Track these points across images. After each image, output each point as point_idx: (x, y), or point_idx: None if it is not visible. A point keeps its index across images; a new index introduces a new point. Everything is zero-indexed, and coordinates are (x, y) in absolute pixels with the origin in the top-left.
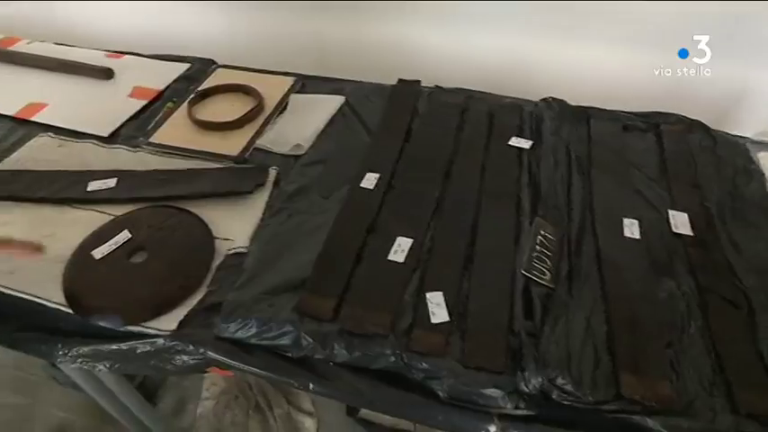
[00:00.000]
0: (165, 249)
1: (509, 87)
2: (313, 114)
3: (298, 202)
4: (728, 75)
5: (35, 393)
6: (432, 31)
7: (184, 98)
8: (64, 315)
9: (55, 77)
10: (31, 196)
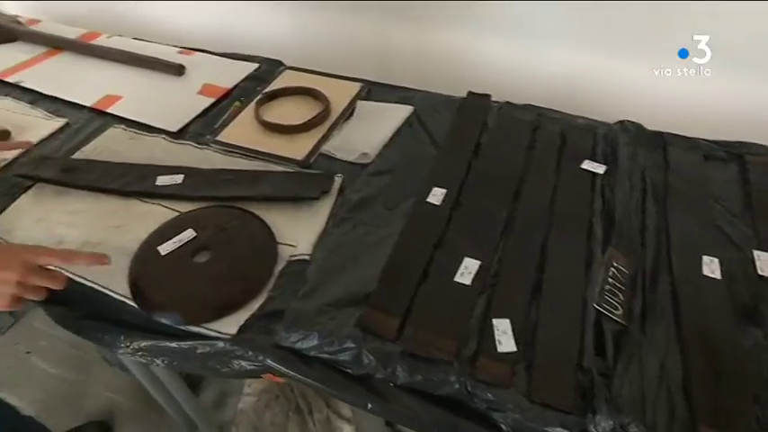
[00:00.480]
0: (228, 250)
1: (581, 107)
2: (380, 123)
3: (362, 213)
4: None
5: (88, 371)
6: (501, 43)
7: (252, 98)
8: (128, 308)
9: (130, 71)
10: (102, 187)
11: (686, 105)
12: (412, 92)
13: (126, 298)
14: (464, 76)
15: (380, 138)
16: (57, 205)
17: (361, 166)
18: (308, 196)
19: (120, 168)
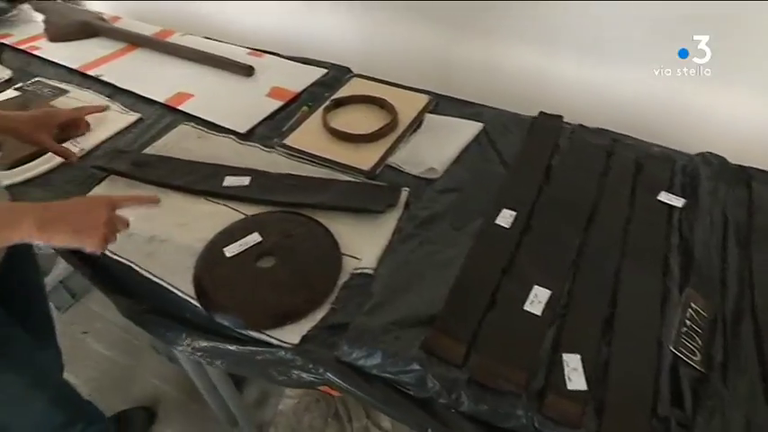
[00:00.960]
0: (292, 258)
1: (657, 134)
2: (449, 138)
3: (429, 230)
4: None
5: (138, 357)
6: (573, 62)
7: (319, 104)
8: (190, 306)
9: (202, 70)
10: (172, 183)
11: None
12: (481, 108)
13: (189, 297)
14: (533, 94)
15: (449, 153)
16: None
17: (428, 182)
18: (375, 209)
19: (189, 166)
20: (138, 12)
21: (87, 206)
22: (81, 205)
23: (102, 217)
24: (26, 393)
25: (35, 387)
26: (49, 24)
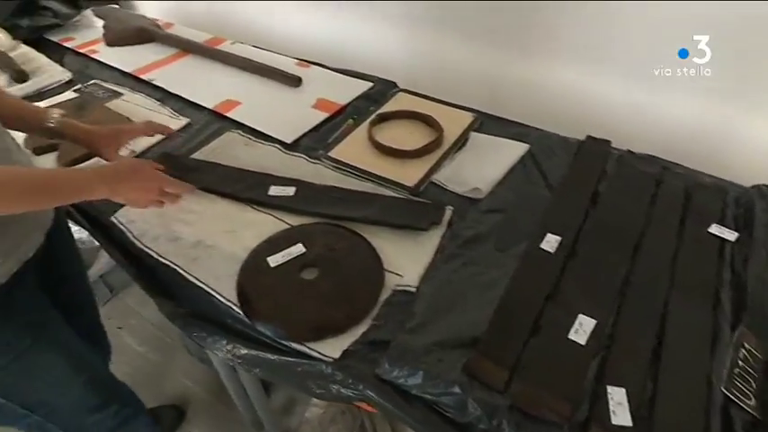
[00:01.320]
0: (335, 271)
1: (709, 164)
2: (494, 158)
3: (473, 251)
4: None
5: (170, 355)
6: (622, 86)
7: (365, 117)
8: (233, 313)
9: (251, 78)
10: (219, 190)
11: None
12: (527, 129)
13: (232, 304)
14: (580, 115)
15: (494, 174)
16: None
17: (472, 201)
18: (419, 226)
19: (237, 173)
20: (190, 19)
21: (145, 180)
22: (140, 178)
23: (154, 191)
24: (65, 375)
25: (73, 369)
26: (108, 30)
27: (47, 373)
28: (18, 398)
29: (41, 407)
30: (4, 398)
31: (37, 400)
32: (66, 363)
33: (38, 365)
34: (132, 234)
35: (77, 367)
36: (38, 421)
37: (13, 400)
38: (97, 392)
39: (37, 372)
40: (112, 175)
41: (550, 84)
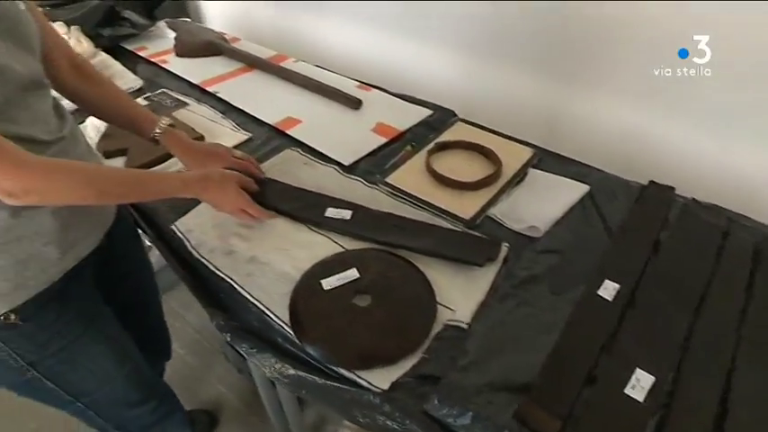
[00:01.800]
0: (388, 300)
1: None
2: (553, 196)
3: (527, 292)
4: None
5: (208, 360)
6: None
7: (423, 144)
8: (284, 333)
9: (312, 97)
10: (277, 207)
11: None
12: (587, 169)
13: (284, 324)
14: (642, 158)
15: (552, 213)
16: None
17: (528, 239)
18: (475, 262)
19: (294, 192)
20: (255, 34)
21: (228, 199)
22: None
23: (235, 210)
24: (109, 368)
25: (117, 363)
26: (179, 41)
27: (92, 364)
28: (64, 385)
29: (84, 395)
30: (53, 383)
31: (81, 388)
32: (110, 356)
33: (84, 356)
34: (190, 243)
35: (121, 362)
36: (81, 409)
37: (60, 386)
38: (138, 388)
39: (83, 362)
40: (199, 186)
41: (613, 123)
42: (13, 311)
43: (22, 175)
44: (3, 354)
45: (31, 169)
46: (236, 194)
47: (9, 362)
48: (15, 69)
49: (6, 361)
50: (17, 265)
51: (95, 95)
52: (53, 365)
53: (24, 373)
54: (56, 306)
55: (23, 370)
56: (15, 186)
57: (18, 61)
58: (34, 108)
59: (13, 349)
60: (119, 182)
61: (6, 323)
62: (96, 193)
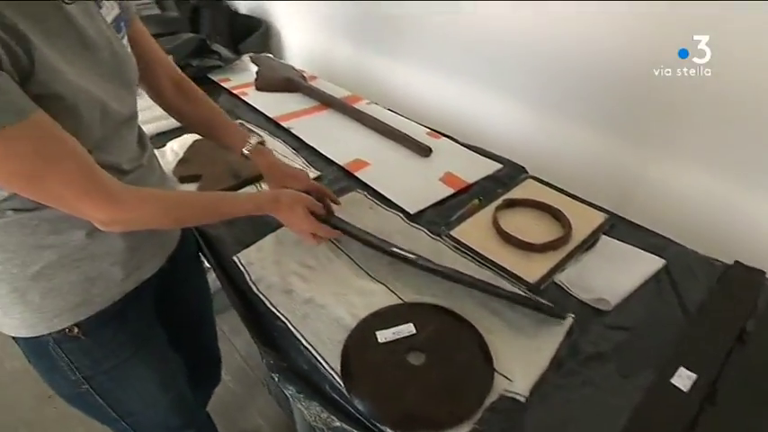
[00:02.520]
0: (443, 362)
1: None
2: (625, 268)
3: (593, 371)
4: None
5: (251, 390)
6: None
7: (490, 199)
8: (333, 382)
9: (382, 141)
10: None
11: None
12: (663, 241)
13: (334, 373)
14: (727, 235)
15: (624, 286)
16: (294, 254)
17: (596, 312)
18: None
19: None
20: (333, 73)
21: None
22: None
23: (304, 231)
24: (154, 391)
25: (162, 387)
26: (260, 76)
27: (139, 386)
28: (113, 402)
29: (129, 415)
30: (103, 399)
31: (127, 408)
32: (157, 380)
33: (133, 377)
34: (249, 277)
35: (167, 387)
36: (124, 428)
37: (109, 404)
38: (180, 414)
39: (131, 382)
40: (269, 206)
41: (694, 193)
42: (77, 325)
43: (115, 209)
44: (63, 365)
45: (123, 202)
46: (304, 216)
47: (67, 373)
48: (116, 109)
49: (65, 372)
50: (86, 282)
51: (194, 113)
52: (104, 382)
53: (79, 386)
54: (114, 325)
55: (78, 383)
56: (106, 217)
57: (119, 100)
58: (125, 140)
59: (72, 361)
60: (196, 207)
61: (70, 335)
62: (175, 220)
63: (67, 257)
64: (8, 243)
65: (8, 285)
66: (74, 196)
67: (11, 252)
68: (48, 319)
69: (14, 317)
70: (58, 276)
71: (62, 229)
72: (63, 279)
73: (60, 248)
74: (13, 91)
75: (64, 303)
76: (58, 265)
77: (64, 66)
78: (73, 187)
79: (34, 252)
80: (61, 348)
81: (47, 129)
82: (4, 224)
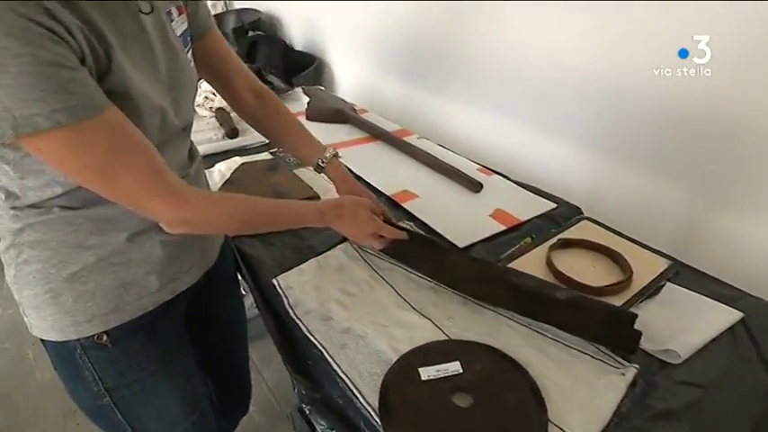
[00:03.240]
0: (491, 407)
1: None
2: (695, 318)
3: (663, 429)
4: None
5: (275, 423)
6: None
7: (543, 238)
8: (370, 419)
9: (431, 174)
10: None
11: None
12: (736, 292)
13: (372, 410)
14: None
15: (695, 339)
16: (335, 280)
17: (662, 364)
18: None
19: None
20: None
21: (361, 223)
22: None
23: (369, 235)
24: (176, 412)
25: (184, 409)
26: (311, 106)
27: (160, 404)
28: (132, 420)
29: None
30: (122, 415)
31: (145, 426)
32: (180, 400)
33: (155, 393)
34: (287, 300)
35: (190, 409)
36: None
37: (128, 421)
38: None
39: (153, 399)
40: (332, 213)
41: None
42: (107, 333)
43: (182, 207)
44: (87, 374)
45: (190, 202)
46: (368, 219)
47: (90, 384)
48: (173, 118)
49: (89, 383)
50: (119, 288)
51: (273, 122)
52: (126, 396)
53: (101, 398)
54: (143, 336)
55: (100, 395)
56: (172, 216)
57: (177, 110)
58: (178, 150)
59: (96, 371)
60: (261, 213)
61: (98, 343)
62: (239, 224)
63: (105, 260)
64: (50, 240)
65: (44, 285)
66: (142, 191)
67: (51, 250)
68: (78, 323)
69: (46, 319)
70: (93, 279)
71: (104, 230)
72: (98, 283)
73: (99, 250)
74: (91, 86)
75: (96, 308)
76: (94, 267)
77: (133, 70)
78: (142, 182)
79: (74, 252)
80: (88, 356)
81: (120, 124)
82: (49, 221)
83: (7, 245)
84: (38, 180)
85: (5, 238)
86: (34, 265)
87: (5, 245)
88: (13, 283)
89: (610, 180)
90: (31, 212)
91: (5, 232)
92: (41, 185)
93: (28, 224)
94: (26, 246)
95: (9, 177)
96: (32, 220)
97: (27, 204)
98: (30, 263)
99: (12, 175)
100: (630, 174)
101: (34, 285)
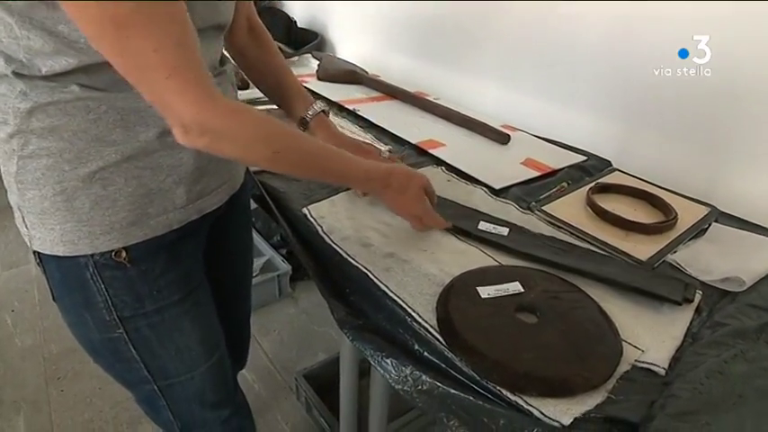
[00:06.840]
0: (562, 322)
1: None
2: (750, 251)
3: (744, 344)
4: None
5: (277, 394)
6: None
7: (579, 185)
8: (424, 337)
9: (456, 128)
10: None
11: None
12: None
13: (429, 326)
14: None
15: (758, 266)
16: (368, 212)
17: (723, 293)
18: (672, 298)
19: (444, 202)
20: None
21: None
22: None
23: (413, 216)
24: (194, 349)
25: (205, 349)
26: (321, 68)
27: (180, 341)
28: (147, 356)
29: (162, 377)
30: (136, 350)
31: (162, 366)
32: (200, 339)
33: (175, 327)
34: (321, 228)
35: (210, 350)
36: (153, 394)
37: (142, 357)
38: (217, 388)
39: (172, 334)
40: (381, 182)
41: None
42: (126, 249)
43: (209, 110)
44: (99, 299)
45: (220, 107)
46: (417, 199)
47: (101, 312)
48: (212, 16)
49: (99, 311)
50: (144, 198)
51: (260, 60)
52: (142, 328)
53: (112, 330)
54: (165, 258)
55: (112, 326)
56: (195, 119)
57: (217, 6)
58: (214, 48)
59: (110, 296)
60: (302, 147)
61: (116, 261)
62: (272, 154)
63: (131, 161)
64: (66, 128)
65: (55, 185)
66: (164, 70)
67: (66, 141)
68: (94, 234)
69: (54, 228)
70: (114, 183)
71: (132, 123)
72: (120, 188)
73: (124, 147)
74: None
75: (115, 218)
76: (118, 168)
77: None
78: (167, 56)
79: (94, 146)
80: (101, 277)
81: None
82: (66, 102)
83: (11, 131)
84: (47, 43)
85: (8, 122)
86: (44, 160)
87: (8, 131)
88: (14, 182)
89: (633, 147)
90: (44, 88)
91: (9, 115)
92: (52, 52)
93: (39, 104)
94: (35, 135)
95: (12, 36)
96: (45, 98)
97: (37, 75)
98: (38, 156)
99: (16, 33)
100: (659, 141)
101: (43, 185)
